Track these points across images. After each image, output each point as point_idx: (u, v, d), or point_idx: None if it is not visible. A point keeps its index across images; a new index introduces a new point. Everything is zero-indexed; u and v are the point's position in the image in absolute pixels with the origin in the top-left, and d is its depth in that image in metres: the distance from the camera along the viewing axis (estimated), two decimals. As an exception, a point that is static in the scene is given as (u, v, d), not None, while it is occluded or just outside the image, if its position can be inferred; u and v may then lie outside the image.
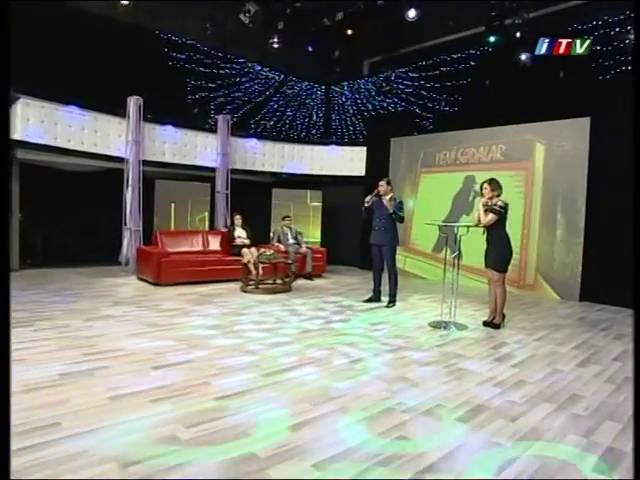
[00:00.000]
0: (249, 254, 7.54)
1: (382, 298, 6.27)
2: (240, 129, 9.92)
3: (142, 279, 7.27)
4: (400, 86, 10.56)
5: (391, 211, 5.89)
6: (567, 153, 6.92)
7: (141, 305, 5.57)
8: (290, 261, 7.39)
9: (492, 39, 8.20)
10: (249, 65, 11.25)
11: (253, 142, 9.79)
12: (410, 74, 10.62)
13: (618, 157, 6.39)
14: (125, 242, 8.02)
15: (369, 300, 6.33)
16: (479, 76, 8.73)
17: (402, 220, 6.10)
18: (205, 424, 2.59)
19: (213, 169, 9.16)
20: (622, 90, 6.38)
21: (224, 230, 8.82)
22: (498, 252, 4.96)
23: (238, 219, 8.05)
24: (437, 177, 8.67)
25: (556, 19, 7.63)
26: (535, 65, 7.80)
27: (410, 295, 6.88)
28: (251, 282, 7.04)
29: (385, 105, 11.18)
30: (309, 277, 8.15)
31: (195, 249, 7.69)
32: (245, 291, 6.77)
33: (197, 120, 9.56)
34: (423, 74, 10.38)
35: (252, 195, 9.79)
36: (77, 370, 3.31)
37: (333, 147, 10.28)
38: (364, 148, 10.02)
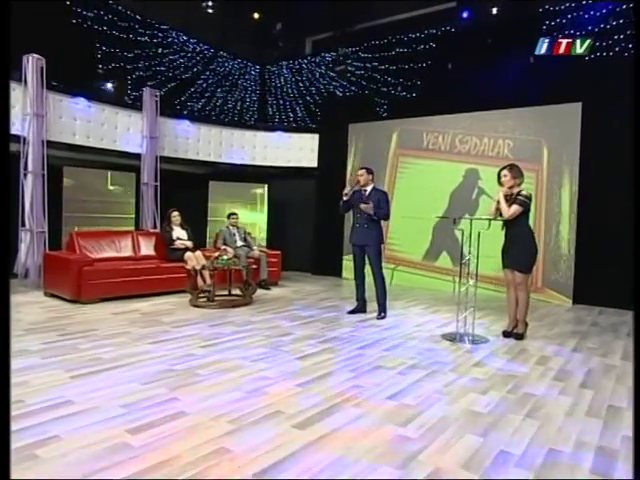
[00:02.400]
0: (194, 259, 6.49)
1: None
2: (165, 108, 8.73)
3: (53, 295, 5.88)
4: (349, 67, 10.07)
5: (372, 212, 5.29)
6: (559, 145, 6.78)
7: (66, 332, 4.34)
8: (241, 267, 6.44)
9: (465, 15, 8.00)
10: (173, 34, 10.06)
11: (186, 125, 8.66)
12: (361, 54, 10.19)
13: (611, 147, 6.39)
14: (23, 247, 6.51)
15: (354, 311, 5.65)
16: (450, 58, 8.50)
17: (387, 217, 5.53)
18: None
19: (138, 155, 7.88)
20: (614, 74, 6.42)
21: (154, 231, 7.63)
22: (522, 250, 4.53)
23: (176, 217, 6.92)
24: (427, 164, 7.89)
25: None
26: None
27: (392, 303, 6.27)
28: (202, 294, 6.01)
29: (331, 89, 10.63)
30: (265, 286, 7.25)
31: (123, 254, 6.43)
32: (196, 305, 5.73)
33: (118, 94, 8.24)
34: (377, 55, 9.98)
35: (184, 189, 8.62)
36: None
37: (280, 134, 9.45)
38: (315, 135, 9.32)
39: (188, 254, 6.52)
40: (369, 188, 5.44)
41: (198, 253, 6.61)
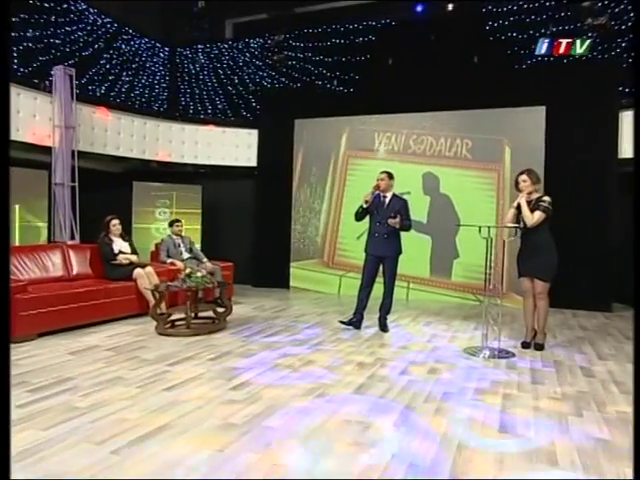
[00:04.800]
0: (145, 278, 5.73)
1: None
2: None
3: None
4: (287, 61, 9.73)
5: (398, 227, 5.19)
6: (522, 146, 7.20)
7: (35, 386, 3.47)
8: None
9: (419, 9, 8.20)
10: (70, 1, 8.83)
11: (103, 113, 7.62)
12: (292, 42, 9.91)
13: (574, 151, 6.98)
14: None
15: (350, 323, 5.45)
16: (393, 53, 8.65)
17: (410, 227, 5.40)
18: None
19: (48, 149, 6.73)
20: (576, 78, 7.03)
21: (72, 242, 6.60)
22: (545, 258, 4.68)
23: (116, 226, 6.05)
24: (381, 166, 7.75)
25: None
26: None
27: (372, 315, 6.13)
28: (170, 320, 5.31)
29: (257, 79, 10.20)
30: (222, 304, 6.65)
31: (54, 274, 5.42)
32: (165, 334, 5.03)
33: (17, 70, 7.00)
34: (310, 44, 9.78)
35: (102, 190, 7.60)
36: None
37: (211, 128, 8.79)
38: (253, 131, 8.83)
39: (138, 271, 5.73)
40: (389, 195, 5.27)
41: (149, 269, 5.85)
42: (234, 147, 8.77)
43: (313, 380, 3.74)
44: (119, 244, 5.97)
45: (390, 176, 5.29)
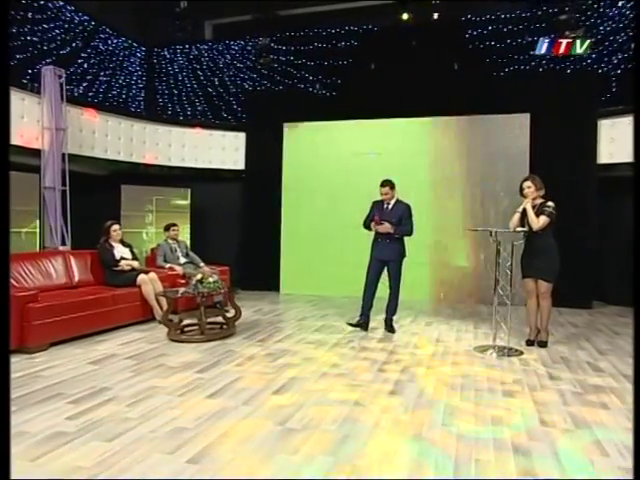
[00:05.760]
0: (149, 284, 5.67)
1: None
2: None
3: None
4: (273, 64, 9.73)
5: (392, 231, 5.35)
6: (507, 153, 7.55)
7: (72, 397, 3.40)
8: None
9: (405, 16, 8.39)
10: (47, -5, 8.55)
11: (92, 115, 7.42)
12: (274, 45, 9.92)
13: (556, 157, 7.36)
14: None
15: (357, 325, 5.59)
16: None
17: (411, 233, 5.52)
18: None
19: (37, 152, 6.51)
20: (559, 86, 7.41)
21: (64, 249, 6.42)
22: (548, 260, 4.94)
23: (117, 231, 5.92)
24: (380, 168, 7.75)
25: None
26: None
27: (375, 317, 6.27)
28: (183, 326, 5.27)
29: (239, 82, 10.17)
30: (222, 309, 6.63)
31: (57, 282, 5.27)
32: (178, 340, 5.00)
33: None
34: (292, 48, 9.83)
35: (90, 194, 7.40)
36: None
37: (199, 130, 8.70)
38: (240, 134, 8.81)
39: (142, 277, 5.65)
40: (392, 201, 5.43)
41: (153, 275, 5.77)
42: (221, 150, 8.72)
43: (349, 380, 3.84)
44: (120, 250, 5.87)
45: (392, 187, 5.47)
